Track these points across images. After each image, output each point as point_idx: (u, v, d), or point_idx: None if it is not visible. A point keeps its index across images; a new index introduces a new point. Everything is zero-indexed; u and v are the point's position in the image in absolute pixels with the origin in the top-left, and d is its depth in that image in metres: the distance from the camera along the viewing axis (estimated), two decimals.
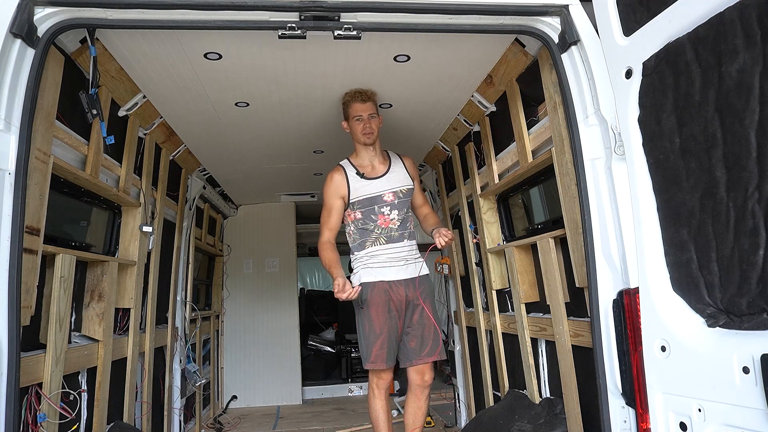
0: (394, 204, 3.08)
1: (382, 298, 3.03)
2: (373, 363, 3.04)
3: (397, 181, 3.13)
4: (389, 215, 3.08)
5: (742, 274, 1.47)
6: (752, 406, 1.47)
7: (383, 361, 3.03)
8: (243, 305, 6.26)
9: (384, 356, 3.02)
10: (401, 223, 3.11)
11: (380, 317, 3.02)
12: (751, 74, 1.39)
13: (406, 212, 3.14)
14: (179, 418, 4.13)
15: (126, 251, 3.14)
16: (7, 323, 1.76)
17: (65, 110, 2.31)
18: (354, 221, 3.13)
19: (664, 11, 1.67)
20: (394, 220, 3.08)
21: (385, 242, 3.09)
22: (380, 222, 3.08)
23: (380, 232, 3.08)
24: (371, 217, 3.08)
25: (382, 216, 3.07)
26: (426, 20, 2.16)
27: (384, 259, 3.08)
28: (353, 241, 3.16)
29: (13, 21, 1.84)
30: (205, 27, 2.12)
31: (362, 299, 3.03)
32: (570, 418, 2.55)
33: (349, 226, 3.16)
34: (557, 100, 2.34)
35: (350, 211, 3.12)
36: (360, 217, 3.10)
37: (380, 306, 3.03)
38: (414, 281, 3.09)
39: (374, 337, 3.02)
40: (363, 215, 3.09)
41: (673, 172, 1.71)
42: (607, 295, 2.04)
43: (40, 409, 2.16)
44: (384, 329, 3.03)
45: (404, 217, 3.13)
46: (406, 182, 3.16)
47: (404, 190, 3.14)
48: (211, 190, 5.08)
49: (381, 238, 3.09)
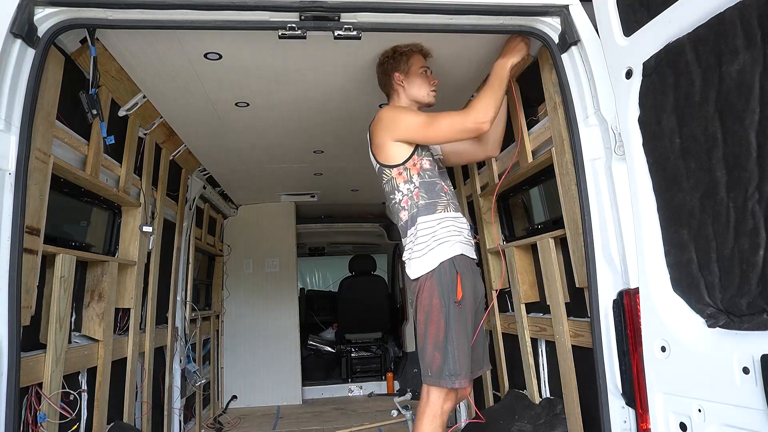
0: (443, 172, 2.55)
1: (472, 284, 2.39)
2: (468, 380, 2.34)
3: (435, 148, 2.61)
4: (446, 182, 2.52)
5: (742, 274, 1.47)
6: (752, 407, 1.47)
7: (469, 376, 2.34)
8: (243, 305, 6.26)
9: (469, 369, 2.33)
10: (452, 194, 2.52)
11: (471, 312, 2.36)
12: (752, 74, 1.39)
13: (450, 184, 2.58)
14: (179, 418, 4.12)
15: (126, 251, 3.13)
16: (7, 323, 1.76)
17: (65, 110, 2.31)
18: (420, 173, 2.41)
19: (664, 11, 1.67)
20: (449, 188, 2.51)
21: (454, 210, 2.45)
22: (443, 183, 2.48)
23: (447, 198, 2.44)
24: (436, 172, 2.46)
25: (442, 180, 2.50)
26: (426, 20, 2.16)
27: (458, 229, 2.41)
28: (417, 204, 2.39)
29: (13, 21, 1.84)
30: (205, 27, 2.11)
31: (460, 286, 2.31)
32: (570, 418, 2.55)
33: (411, 182, 2.41)
34: (557, 100, 2.33)
35: (416, 158, 2.42)
36: (428, 168, 2.43)
37: (473, 299, 2.38)
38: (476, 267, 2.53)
39: (466, 344, 2.31)
40: (431, 166, 2.45)
41: (673, 172, 1.71)
42: (607, 296, 2.04)
43: (40, 409, 2.16)
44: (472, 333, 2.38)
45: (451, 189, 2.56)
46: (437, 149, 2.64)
47: (441, 159, 2.64)
48: (211, 190, 5.08)
49: (450, 205, 2.43)
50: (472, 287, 2.39)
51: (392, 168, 2.45)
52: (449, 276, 2.32)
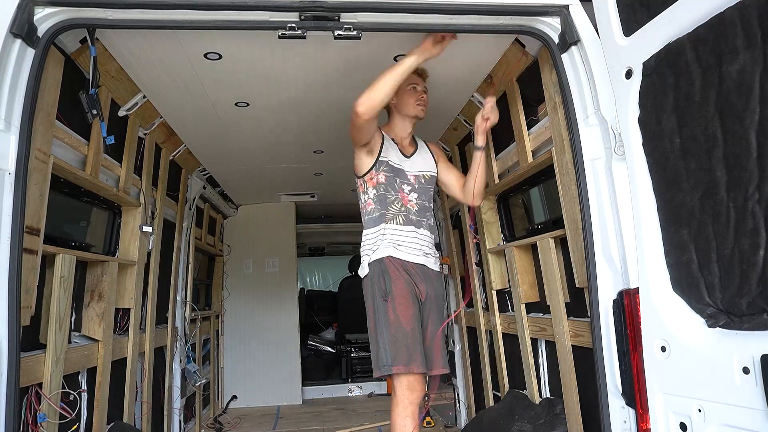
0: (414, 187, 2.73)
1: (406, 280, 2.58)
2: (406, 366, 2.44)
3: (421, 166, 2.80)
4: (408, 195, 2.70)
5: (742, 274, 1.47)
6: (752, 407, 1.47)
7: (420, 364, 2.46)
8: (243, 305, 6.26)
9: (420, 358, 2.47)
10: (420, 209, 2.71)
11: (409, 306, 2.52)
12: (752, 74, 1.39)
13: (426, 201, 2.76)
14: (179, 418, 4.12)
15: (126, 251, 3.13)
16: (7, 323, 1.76)
17: (65, 110, 2.31)
18: (376, 186, 2.69)
19: (664, 11, 1.67)
20: (413, 202, 2.70)
21: (403, 222, 2.66)
22: (401, 196, 2.69)
23: (399, 208, 2.67)
24: (394, 186, 2.69)
25: (402, 193, 2.70)
26: (426, 20, 2.16)
27: (402, 239, 2.65)
28: (370, 213, 2.70)
29: (13, 21, 1.84)
30: (205, 27, 2.11)
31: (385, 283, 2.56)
32: (570, 418, 2.55)
33: (367, 193, 2.72)
34: (557, 100, 2.33)
35: (374, 173, 2.69)
36: (383, 182, 2.68)
37: (406, 291, 2.55)
38: (430, 273, 2.70)
39: (403, 333, 2.48)
40: (387, 181, 2.68)
41: (673, 172, 1.71)
42: (607, 296, 2.04)
43: (40, 409, 2.16)
44: (413, 323, 2.51)
45: (423, 205, 2.74)
46: (429, 168, 2.83)
47: (427, 176, 2.80)
48: (211, 190, 5.08)
49: (399, 216, 2.67)
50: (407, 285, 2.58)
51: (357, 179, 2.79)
52: (377, 275, 2.60)
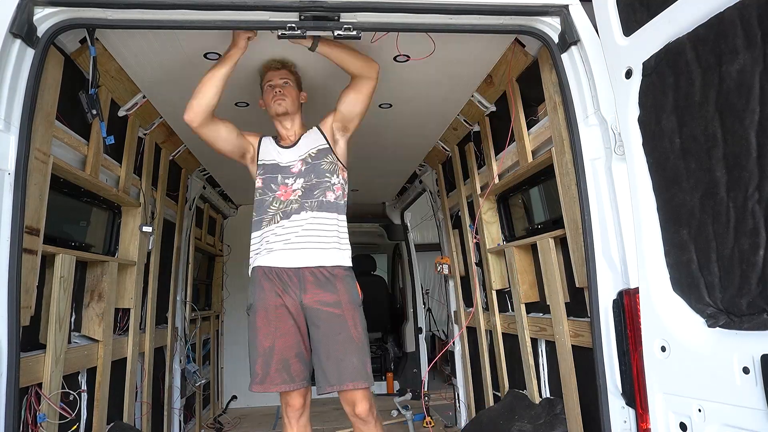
0: (301, 172, 2.54)
1: (270, 293, 2.41)
2: (261, 384, 2.36)
3: (305, 146, 2.61)
4: (292, 185, 2.53)
5: (742, 274, 1.47)
6: (752, 407, 1.47)
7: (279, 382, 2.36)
8: (243, 305, 6.22)
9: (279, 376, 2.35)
10: (305, 191, 2.50)
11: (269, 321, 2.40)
12: (752, 74, 1.39)
13: (315, 177, 2.53)
14: (179, 418, 4.12)
15: (126, 251, 3.13)
16: (6, 323, 1.76)
17: (65, 110, 2.31)
18: (255, 191, 2.60)
19: (664, 11, 1.67)
20: (297, 189, 2.51)
21: (280, 219, 2.48)
22: (279, 193, 2.52)
23: (278, 207, 2.50)
24: (271, 186, 2.55)
25: (284, 187, 2.53)
26: (426, 20, 2.16)
27: (277, 240, 2.45)
28: (252, 223, 2.58)
29: (12, 21, 1.84)
30: (205, 27, 2.11)
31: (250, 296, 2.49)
32: (570, 418, 2.54)
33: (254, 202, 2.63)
34: (557, 100, 2.33)
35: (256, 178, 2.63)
36: (260, 186, 2.58)
37: (267, 305, 2.41)
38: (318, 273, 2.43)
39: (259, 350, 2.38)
40: (263, 184, 2.57)
41: (673, 172, 1.71)
42: (607, 295, 2.04)
43: (39, 410, 2.16)
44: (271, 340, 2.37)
45: (311, 183, 2.52)
46: (315, 143, 2.62)
47: (313, 152, 2.58)
48: (211, 190, 5.08)
49: (278, 215, 2.49)
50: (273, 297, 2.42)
51: None
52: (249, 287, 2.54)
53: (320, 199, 2.51)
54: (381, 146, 4.10)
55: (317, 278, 2.43)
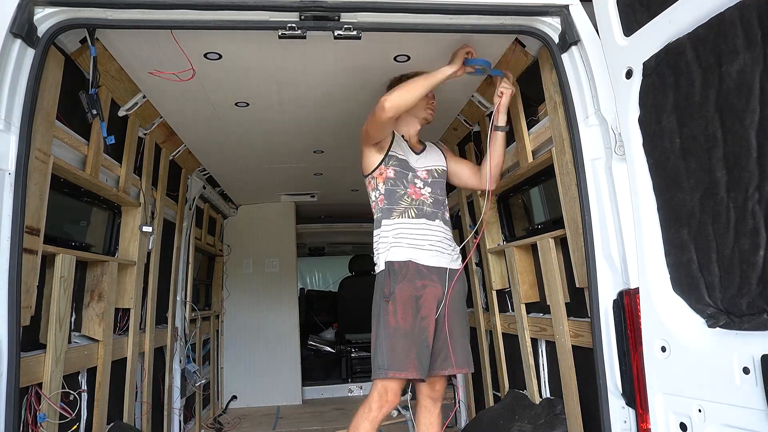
0: (427, 181, 2.71)
1: (413, 286, 2.53)
2: (403, 371, 2.42)
3: (432, 160, 2.81)
4: (421, 189, 2.68)
5: (742, 274, 1.47)
6: (752, 407, 1.47)
7: (417, 369, 2.43)
8: (243, 305, 6.25)
9: (417, 364, 2.43)
10: (434, 202, 2.69)
11: (409, 312, 2.49)
12: (752, 74, 1.39)
13: (440, 194, 2.74)
14: (179, 418, 4.12)
15: (126, 251, 3.13)
16: (7, 323, 1.75)
17: (65, 110, 2.31)
18: (385, 181, 2.66)
19: (664, 11, 1.67)
20: (426, 195, 2.68)
21: (415, 216, 2.62)
22: (410, 191, 2.66)
23: (410, 202, 2.64)
24: (403, 181, 2.67)
25: (413, 186, 2.67)
26: (426, 20, 2.16)
27: (414, 235, 2.60)
28: (380, 210, 2.67)
29: (13, 21, 1.84)
30: (205, 27, 2.11)
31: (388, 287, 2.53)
32: (570, 418, 2.55)
33: (377, 190, 2.69)
34: (557, 100, 2.33)
35: (383, 168, 2.67)
36: (393, 176, 2.66)
37: (409, 295, 2.51)
38: (451, 274, 2.64)
39: (403, 337, 2.44)
40: (396, 175, 2.66)
41: (673, 172, 1.71)
42: (607, 296, 2.04)
43: (40, 409, 2.16)
44: (415, 328, 2.48)
45: (437, 198, 2.71)
46: (440, 163, 2.85)
47: (439, 170, 2.80)
48: (211, 190, 5.08)
49: (411, 209, 2.63)
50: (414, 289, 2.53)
51: (365, 177, 2.76)
52: (384, 276, 2.56)
53: (445, 216, 2.76)
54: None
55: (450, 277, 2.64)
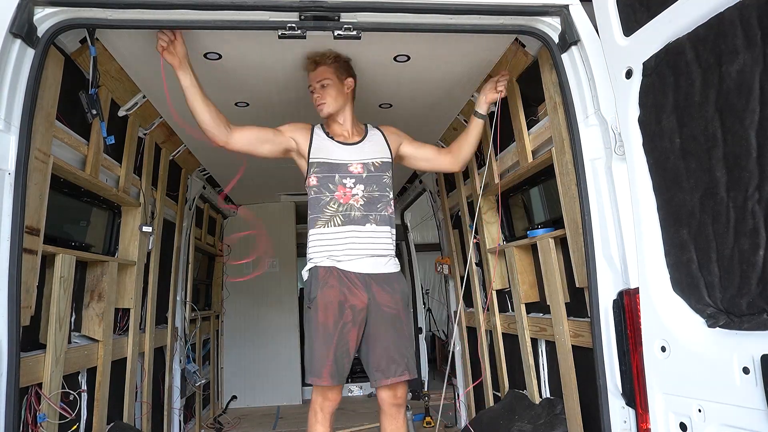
0: (361, 177, 2.53)
1: (334, 292, 2.44)
2: (318, 378, 2.40)
3: (371, 152, 2.60)
4: (352, 189, 2.51)
5: (742, 274, 1.47)
6: (752, 407, 1.47)
7: (330, 377, 2.40)
8: (243, 305, 6.26)
9: (333, 371, 2.40)
10: (367, 202, 2.51)
11: (330, 319, 2.42)
12: (752, 74, 1.39)
13: (377, 190, 2.54)
14: (179, 418, 4.12)
15: (126, 251, 3.13)
16: (7, 323, 1.76)
17: (65, 110, 2.31)
18: (309, 189, 2.56)
19: (664, 11, 1.67)
20: (357, 196, 2.51)
21: (341, 223, 2.48)
22: (338, 195, 2.50)
23: (336, 209, 2.49)
24: (328, 186, 2.51)
25: (342, 188, 2.50)
26: (426, 20, 2.16)
27: (339, 246, 2.47)
28: (309, 218, 2.57)
29: (12, 21, 1.84)
30: (205, 27, 2.12)
31: (310, 293, 2.49)
32: (570, 418, 2.55)
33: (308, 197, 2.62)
34: (557, 100, 2.33)
35: (308, 176, 2.58)
36: (315, 185, 2.54)
37: (331, 304, 2.43)
38: (380, 279, 2.50)
39: (322, 344, 2.42)
40: (319, 182, 2.53)
41: (673, 172, 1.71)
42: (607, 296, 2.04)
43: (39, 409, 2.16)
44: (335, 335, 2.41)
45: (372, 196, 2.53)
46: (382, 153, 2.62)
47: (378, 162, 2.58)
48: (211, 190, 5.07)
49: (337, 216, 2.48)
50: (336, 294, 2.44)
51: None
52: (307, 283, 2.54)
53: (383, 213, 2.56)
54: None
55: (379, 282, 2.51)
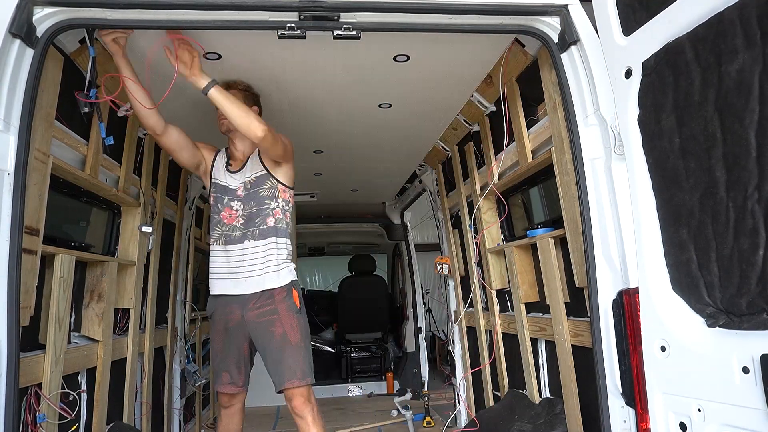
0: (240, 198, 2.73)
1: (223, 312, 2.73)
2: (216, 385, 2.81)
3: (248, 171, 2.77)
4: (237, 211, 2.72)
5: (742, 274, 1.47)
6: (752, 406, 1.47)
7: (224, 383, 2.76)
8: None
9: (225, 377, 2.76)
10: (246, 219, 2.69)
11: (218, 333, 2.77)
12: (751, 74, 1.39)
13: (254, 206, 2.70)
14: (179, 418, 4.12)
15: (126, 251, 3.13)
16: (6, 323, 1.75)
17: (65, 110, 2.30)
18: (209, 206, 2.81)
19: (663, 11, 1.67)
20: (238, 216, 2.71)
21: (223, 243, 2.72)
22: (224, 215, 2.72)
23: (222, 230, 2.73)
24: (218, 207, 2.74)
25: (229, 210, 2.72)
26: (426, 20, 2.16)
27: (220, 266, 2.73)
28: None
29: (12, 21, 1.84)
30: (205, 27, 2.12)
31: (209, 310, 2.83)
32: (570, 418, 2.54)
33: None
34: (557, 100, 2.33)
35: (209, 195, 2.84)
36: (212, 203, 2.79)
37: (217, 320, 2.76)
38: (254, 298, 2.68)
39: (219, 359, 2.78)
40: (215, 201, 2.78)
41: (672, 172, 1.71)
42: (607, 295, 2.04)
43: (39, 410, 2.16)
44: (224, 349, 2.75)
45: (251, 212, 2.69)
46: (255, 168, 2.75)
47: (252, 179, 2.73)
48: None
49: (222, 237, 2.72)
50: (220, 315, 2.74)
51: None
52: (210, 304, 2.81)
53: (261, 227, 2.68)
54: (380, 146, 4.11)
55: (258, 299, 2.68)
